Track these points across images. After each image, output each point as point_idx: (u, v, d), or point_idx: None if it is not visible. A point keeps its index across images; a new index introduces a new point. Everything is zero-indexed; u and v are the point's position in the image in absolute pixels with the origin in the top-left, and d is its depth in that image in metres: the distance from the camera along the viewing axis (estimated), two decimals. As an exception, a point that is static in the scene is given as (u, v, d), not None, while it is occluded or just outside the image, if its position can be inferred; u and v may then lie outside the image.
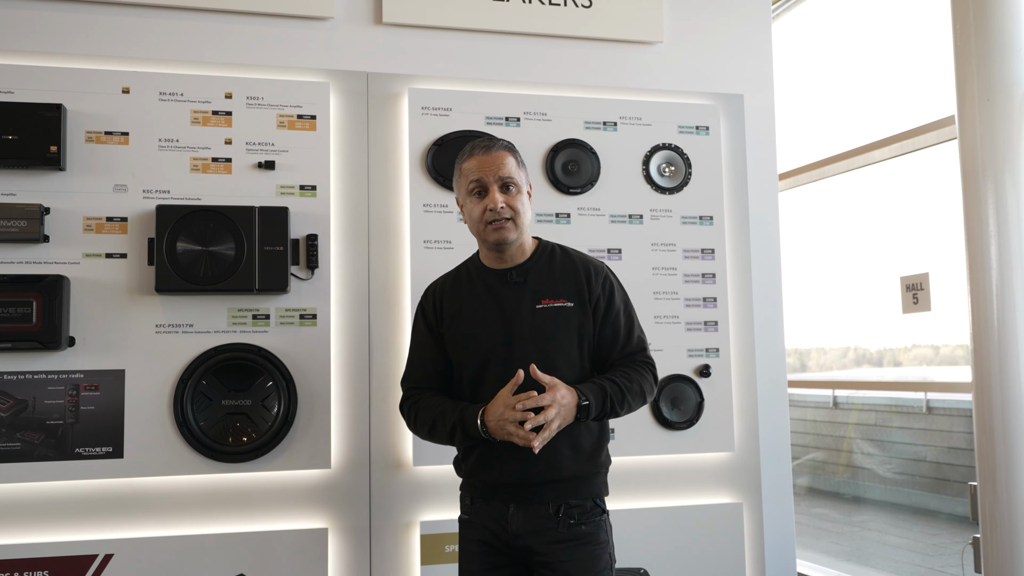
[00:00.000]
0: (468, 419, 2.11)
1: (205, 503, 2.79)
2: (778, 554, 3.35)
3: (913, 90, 4.09)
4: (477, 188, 2.17)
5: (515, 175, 2.18)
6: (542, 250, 2.27)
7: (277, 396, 2.81)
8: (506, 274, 2.22)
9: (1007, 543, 2.80)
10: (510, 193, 2.17)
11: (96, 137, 2.81)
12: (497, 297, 2.21)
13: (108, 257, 2.79)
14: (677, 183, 3.28)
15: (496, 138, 2.24)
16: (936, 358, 4.87)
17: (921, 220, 4.22)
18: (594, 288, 2.21)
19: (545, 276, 2.22)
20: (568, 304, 2.18)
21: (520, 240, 2.21)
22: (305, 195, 2.94)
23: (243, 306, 2.85)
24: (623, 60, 3.42)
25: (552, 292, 2.19)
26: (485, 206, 2.15)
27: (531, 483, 2.12)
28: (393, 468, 2.94)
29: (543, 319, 2.17)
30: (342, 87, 3.04)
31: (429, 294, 2.34)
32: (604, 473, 2.24)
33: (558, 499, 2.13)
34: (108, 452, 2.71)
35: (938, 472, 5.35)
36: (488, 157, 2.17)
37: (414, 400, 2.28)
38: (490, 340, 2.18)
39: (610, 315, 2.22)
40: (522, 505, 2.13)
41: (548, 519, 2.12)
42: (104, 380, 2.73)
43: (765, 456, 3.32)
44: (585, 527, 2.13)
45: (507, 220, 2.15)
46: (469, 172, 2.19)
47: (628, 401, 2.15)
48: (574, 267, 2.24)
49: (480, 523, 2.18)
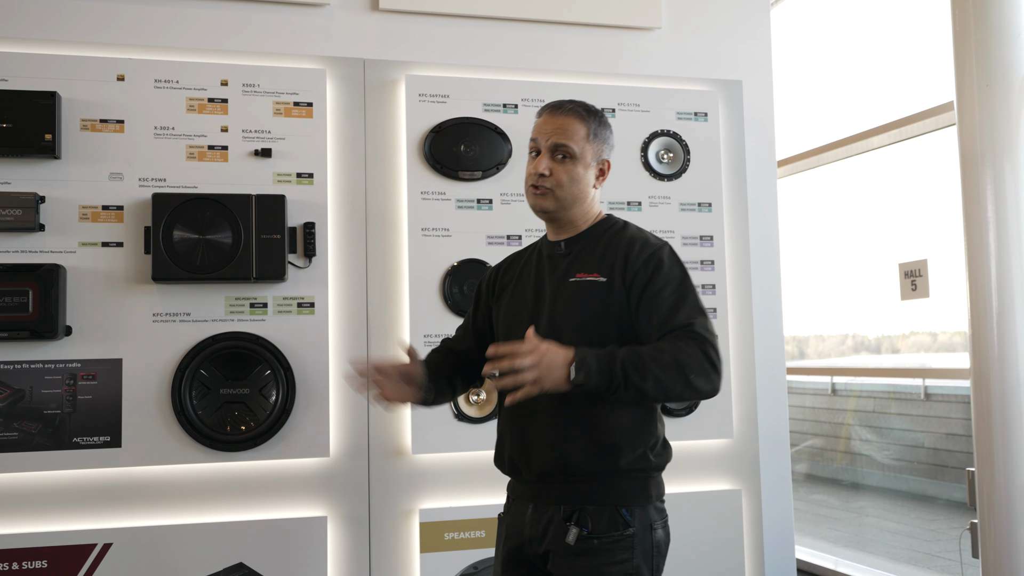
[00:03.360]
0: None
1: (203, 492, 2.79)
2: (777, 540, 3.36)
3: (912, 76, 4.08)
4: (534, 148, 2.00)
5: (575, 143, 1.95)
6: (602, 224, 2.04)
7: (275, 385, 2.81)
8: (556, 246, 2.04)
9: (1004, 529, 2.81)
10: (561, 162, 1.95)
11: (91, 125, 2.80)
12: (541, 270, 2.04)
13: (104, 246, 2.78)
14: (675, 170, 3.27)
15: (577, 102, 2.02)
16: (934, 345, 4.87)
17: (920, 207, 4.21)
18: (632, 262, 1.93)
19: (590, 249, 1.99)
20: (600, 279, 1.94)
21: (569, 215, 2.00)
22: (302, 183, 2.93)
23: (240, 295, 2.84)
24: (621, 46, 3.41)
25: (589, 265, 1.97)
26: (532, 168, 1.98)
27: (541, 478, 1.91)
28: (392, 456, 2.94)
29: (571, 293, 1.94)
30: (339, 74, 3.03)
31: (495, 269, 2.19)
32: (643, 478, 1.92)
33: (571, 502, 1.88)
34: (106, 441, 2.71)
35: (936, 458, 5.37)
36: (551, 118, 1.98)
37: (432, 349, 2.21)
38: (520, 315, 2.01)
39: (650, 291, 1.90)
40: (538, 506, 1.93)
41: (558, 525, 1.87)
42: (101, 369, 2.73)
43: (764, 443, 3.33)
44: (598, 541, 1.85)
45: (547, 189, 1.96)
46: (534, 129, 2.01)
47: (655, 374, 1.75)
48: (619, 240, 1.99)
49: (508, 524, 2.01)
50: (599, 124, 2.01)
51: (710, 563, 3.11)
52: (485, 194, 3.09)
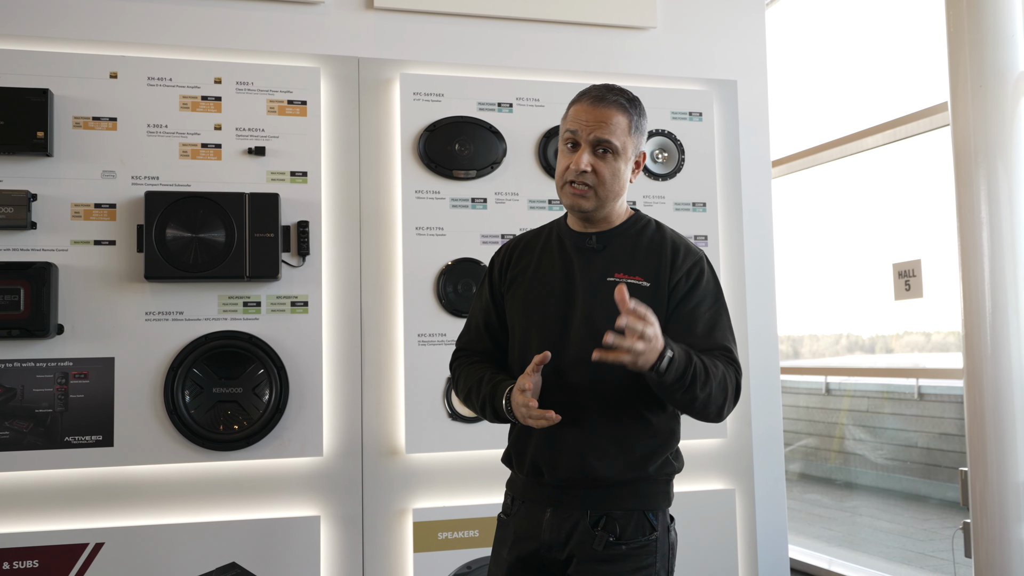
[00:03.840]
0: (497, 396, 1.86)
1: (196, 491, 2.79)
2: (770, 540, 3.37)
3: (906, 76, 4.10)
4: (570, 140, 1.88)
5: (618, 139, 1.86)
6: (634, 221, 1.97)
7: (268, 384, 2.81)
8: (586, 238, 1.94)
9: (997, 528, 2.82)
10: (603, 157, 1.86)
11: (84, 123, 2.79)
12: (568, 263, 1.93)
13: (97, 244, 2.77)
14: (670, 169, 3.28)
15: (617, 89, 1.91)
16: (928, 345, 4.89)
17: (914, 207, 4.23)
18: (678, 269, 1.89)
19: (627, 248, 1.92)
20: (643, 283, 1.87)
21: (605, 211, 1.92)
22: (296, 181, 2.92)
23: (234, 293, 2.84)
24: (616, 45, 3.41)
25: (628, 266, 1.89)
26: (570, 163, 1.87)
27: (567, 482, 1.85)
28: (386, 455, 2.94)
29: (610, 294, 1.80)
30: (333, 72, 3.02)
31: (502, 251, 2.08)
32: (665, 482, 1.91)
33: (598, 507, 1.84)
34: (98, 440, 2.70)
35: (929, 458, 5.39)
36: (594, 110, 1.86)
37: (461, 362, 2.06)
38: (545, 309, 1.91)
39: (688, 303, 1.87)
40: (558, 511, 1.86)
41: (584, 532, 1.82)
42: (93, 368, 2.72)
43: (758, 442, 3.34)
44: (626, 547, 1.82)
45: (588, 187, 1.86)
46: (570, 119, 1.89)
47: (711, 388, 1.75)
48: (662, 243, 1.92)
49: (515, 527, 1.92)
50: (640, 115, 1.92)
51: (704, 563, 3.12)
52: (479, 193, 3.09)
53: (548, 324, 1.90)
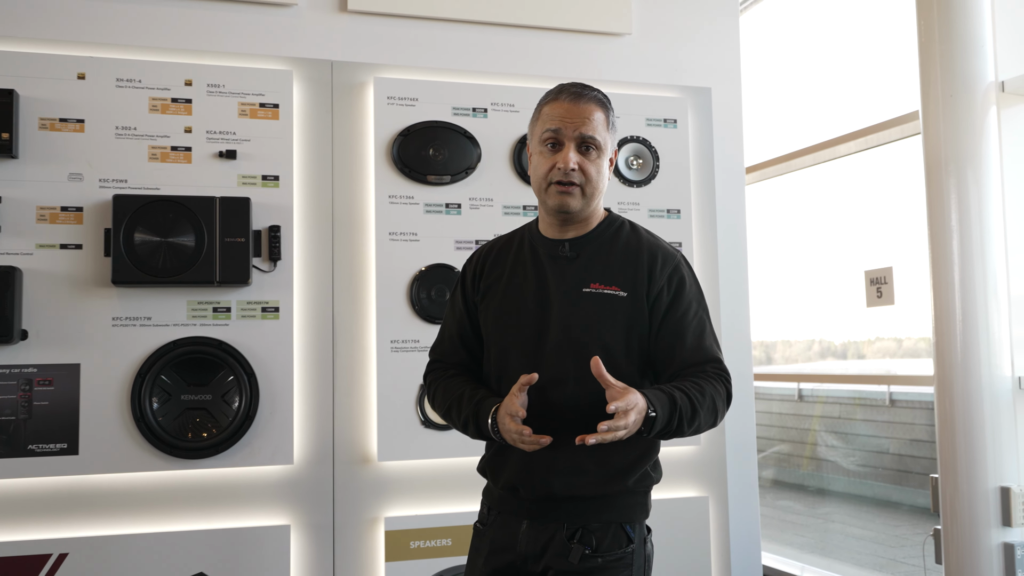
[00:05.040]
0: (481, 415, 1.85)
1: (164, 500, 2.77)
2: (744, 547, 3.40)
3: (878, 85, 4.16)
4: (552, 139, 1.86)
5: (600, 135, 1.87)
6: (608, 224, 1.95)
7: (238, 390, 2.80)
8: (559, 246, 1.92)
9: (967, 535, 2.87)
10: (588, 155, 1.86)
11: (50, 124, 2.77)
12: (541, 273, 1.92)
13: (63, 248, 2.75)
14: (645, 176, 3.31)
15: (591, 87, 1.92)
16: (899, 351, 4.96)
17: (885, 214, 4.29)
18: (656, 279, 1.88)
19: (601, 255, 1.91)
20: (620, 293, 1.86)
21: (589, 210, 1.92)
22: (267, 185, 2.92)
23: (203, 299, 2.83)
24: (591, 51, 3.44)
25: (604, 276, 1.88)
26: (554, 163, 1.85)
27: (543, 497, 1.85)
28: (358, 463, 2.94)
29: (587, 306, 1.85)
30: (306, 75, 3.02)
31: (474, 258, 2.06)
32: (643, 493, 1.92)
33: (575, 520, 1.84)
34: (63, 448, 2.68)
35: (900, 464, 5.47)
36: (575, 107, 1.86)
37: (437, 375, 2.05)
38: (520, 322, 1.90)
39: (674, 314, 1.87)
40: (534, 523, 1.86)
41: (560, 545, 1.83)
42: (58, 374, 2.70)
43: (731, 449, 3.37)
44: (603, 560, 1.82)
45: (575, 186, 1.86)
46: (548, 119, 1.88)
47: (699, 419, 1.78)
48: (638, 250, 1.91)
49: (491, 537, 1.93)
50: (613, 111, 1.94)
51: (677, 570, 3.14)
52: (454, 198, 3.10)
53: (524, 338, 1.89)
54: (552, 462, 1.82)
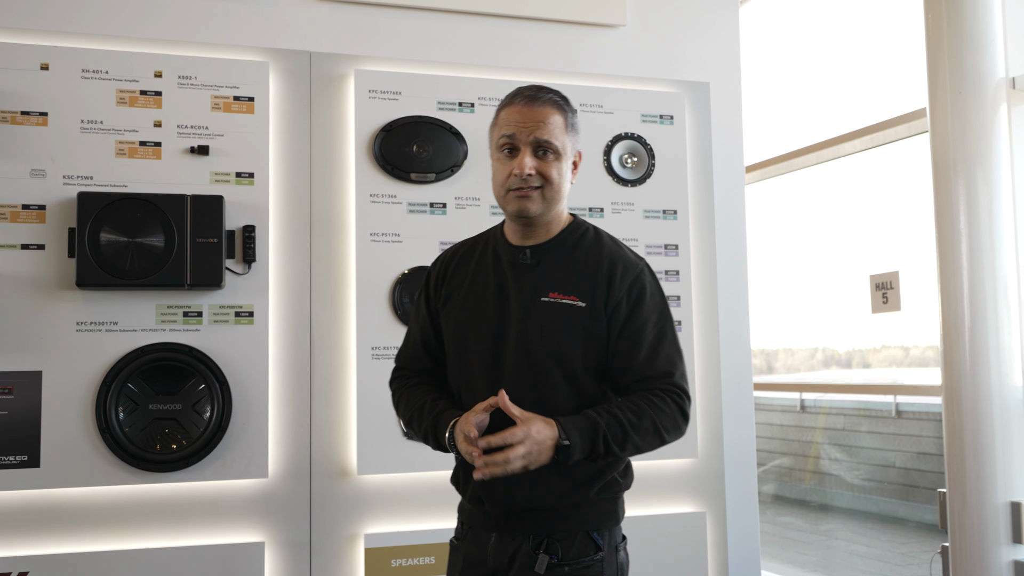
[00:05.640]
0: (440, 429, 1.89)
1: (130, 516, 2.75)
2: (742, 565, 3.38)
3: (884, 81, 4.16)
4: (507, 144, 1.90)
5: (557, 138, 1.90)
6: (571, 231, 1.99)
7: (210, 400, 2.77)
8: (520, 252, 1.96)
9: (976, 552, 2.86)
10: (545, 159, 1.90)
11: (11, 117, 2.75)
12: (502, 279, 1.96)
13: (24, 248, 2.72)
14: (640, 175, 3.29)
15: (547, 89, 1.95)
16: (906, 359, 4.96)
17: (891, 216, 4.29)
18: (616, 289, 1.91)
19: (562, 263, 1.95)
20: (578, 303, 1.90)
21: (551, 215, 1.96)
22: (242, 183, 2.89)
23: (173, 302, 2.80)
24: (584, 44, 3.41)
25: (563, 285, 1.92)
26: (511, 169, 1.89)
27: (506, 510, 1.90)
28: (336, 477, 2.91)
29: (544, 316, 1.90)
30: (283, 67, 3.00)
31: (438, 263, 2.10)
32: (611, 499, 1.95)
33: (540, 531, 1.88)
34: (23, 461, 2.65)
35: (907, 479, 5.46)
36: (529, 111, 1.89)
37: (401, 382, 2.09)
38: (480, 331, 1.95)
39: (632, 325, 1.91)
40: (502, 535, 1.91)
41: (527, 555, 1.87)
42: (19, 383, 2.68)
43: (729, 463, 3.35)
44: (569, 568, 1.86)
45: (534, 189, 1.89)
46: (503, 124, 1.92)
47: (634, 441, 1.82)
48: (599, 259, 1.95)
49: (463, 553, 1.97)
50: (573, 112, 1.97)
51: (673, 589, 3.12)
52: (438, 198, 3.08)
53: (484, 349, 1.94)
54: (513, 475, 1.82)
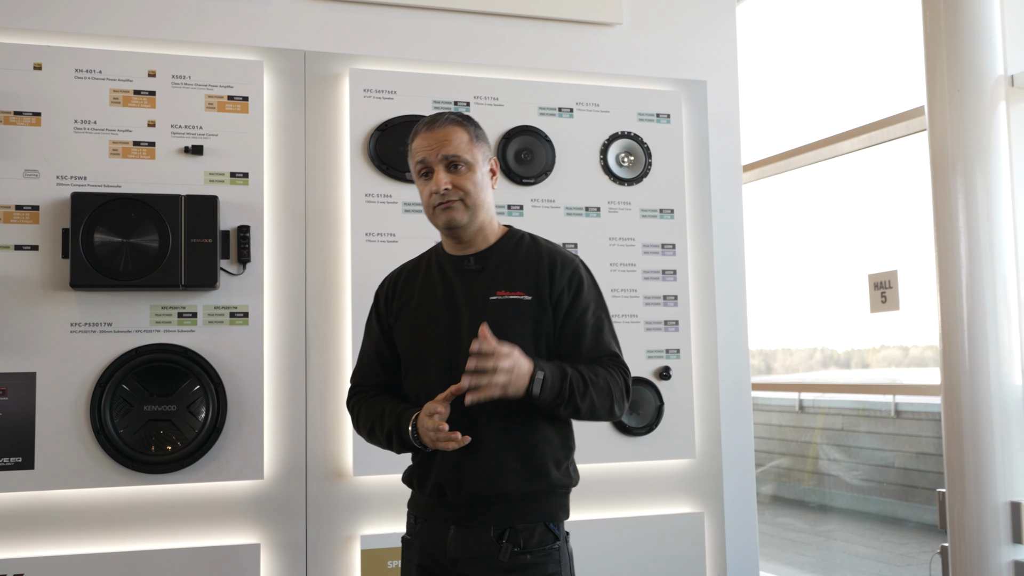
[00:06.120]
0: (402, 425, 2.04)
1: (125, 518, 2.75)
2: (741, 566, 3.39)
3: (882, 79, 4.17)
4: (423, 169, 2.09)
5: (464, 152, 2.08)
6: (508, 238, 2.18)
7: (205, 401, 2.78)
8: (464, 261, 2.14)
9: (976, 552, 2.87)
10: (458, 172, 2.07)
11: (4, 117, 2.75)
12: (450, 287, 2.12)
13: (17, 249, 2.73)
14: (636, 174, 3.30)
15: (446, 112, 2.15)
16: (905, 359, 4.97)
17: (890, 215, 4.30)
18: (557, 281, 2.10)
19: (505, 265, 2.12)
20: (525, 297, 2.08)
21: (479, 223, 2.12)
22: (236, 183, 2.90)
23: (167, 303, 2.81)
24: (580, 42, 3.43)
25: (509, 283, 2.09)
26: (431, 189, 2.08)
27: (471, 500, 2.02)
28: (332, 478, 2.92)
29: (495, 313, 2.05)
30: (277, 66, 3.01)
31: (385, 283, 2.27)
32: (564, 494, 2.11)
33: (502, 522, 2.01)
34: (17, 463, 2.66)
35: (906, 479, 5.47)
36: (431, 134, 2.08)
37: (359, 398, 2.23)
38: (434, 334, 2.10)
39: (574, 313, 2.10)
40: (462, 527, 2.03)
41: (489, 545, 2.00)
42: (13, 384, 2.68)
43: (728, 463, 3.36)
44: (532, 556, 2.00)
45: (455, 201, 2.07)
46: (415, 152, 2.12)
47: (592, 396, 2.00)
48: (538, 257, 2.13)
49: (420, 545, 2.10)
50: (475, 126, 2.15)
51: (671, 590, 3.13)
52: (434, 197, 3.08)
53: (440, 350, 2.08)
54: (476, 463, 2.01)
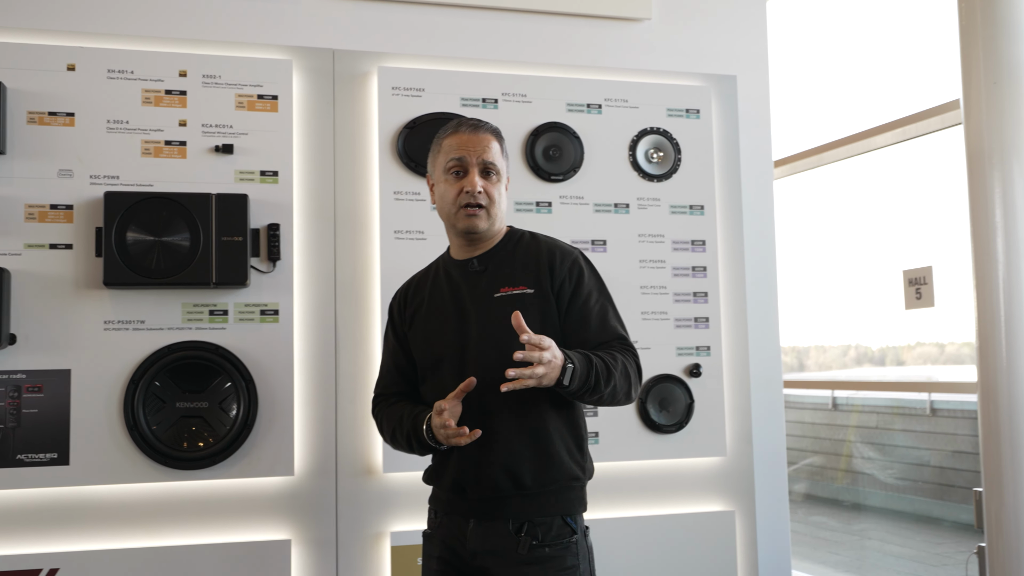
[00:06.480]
0: (418, 426, 2.10)
1: (158, 513, 2.78)
2: (773, 565, 3.37)
3: (916, 72, 4.13)
4: (456, 168, 2.15)
5: (498, 161, 2.18)
6: (509, 237, 2.25)
7: (236, 398, 2.80)
8: (468, 264, 2.21)
9: (1013, 552, 2.84)
10: (490, 179, 2.17)
11: (39, 118, 2.79)
12: (456, 290, 2.20)
13: (52, 248, 2.76)
14: (666, 170, 3.29)
15: (482, 120, 2.24)
16: (941, 357, 4.92)
17: (925, 210, 4.26)
18: (557, 272, 2.16)
19: (506, 263, 2.19)
20: (527, 291, 2.14)
21: (492, 231, 2.21)
22: (266, 181, 2.92)
23: (199, 301, 2.83)
24: (609, 38, 3.42)
25: (511, 279, 2.16)
26: (462, 187, 2.14)
27: (489, 493, 2.07)
28: (361, 475, 2.94)
29: (500, 309, 2.11)
30: (306, 65, 3.03)
31: (398, 295, 2.37)
32: (580, 488, 2.15)
33: (520, 516, 2.06)
34: (53, 459, 2.69)
35: (942, 477, 5.41)
36: (475, 137, 2.16)
37: (381, 407, 2.30)
38: (445, 336, 2.16)
39: (577, 301, 2.16)
40: (481, 521, 2.08)
41: (507, 538, 2.05)
42: (48, 381, 2.71)
43: (759, 461, 3.35)
44: (549, 549, 2.05)
45: (481, 208, 2.14)
46: (450, 149, 2.17)
47: (615, 380, 2.04)
48: (537, 251, 2.20)
49: (440, 539, 2.15)
50: (504, 142, 2.25)
51: (701, 589, 3.12)
52: (463, 194, 3.09)
53: (451, 349, 2.14)
54: (492, 458, 2.06)
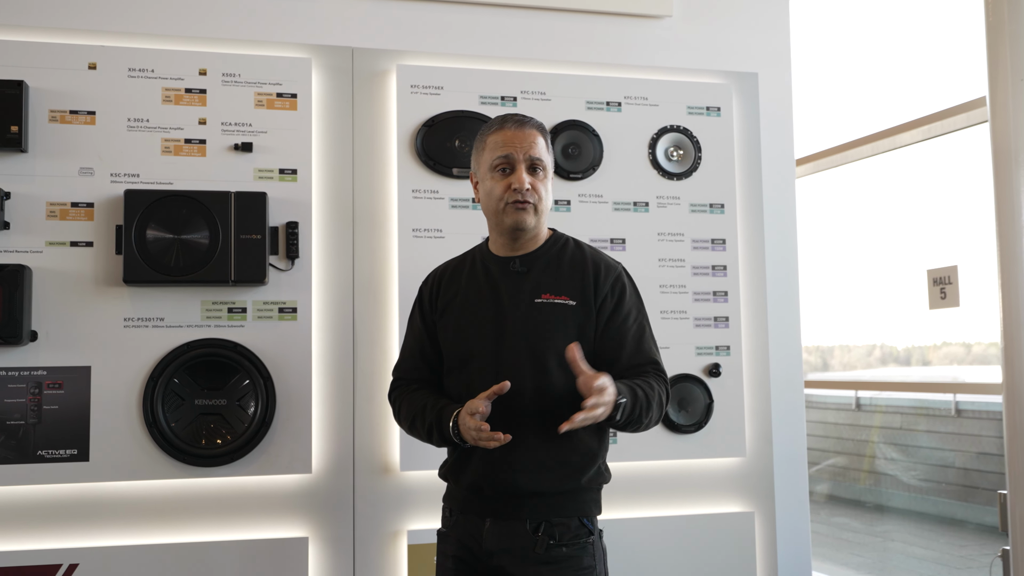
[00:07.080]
0: (443, 420, 2.10)
1: (176, 510, 2.80)
2: (793, 567, 3.36)
3: (941, 69, 4.09)
4: (503, 164, 2.14)
5: (544, 157, 2.17)
6: (554, 241, 2.24)
7: (254, 395, 2.82)
8: (509, 262, 2.20)
9: (1038, 556, 2.81)
10: (537, 176, 2.15)
11: (60, 116, 2.81)
12: (495, 287, 2.18)
13: (73, 245, 2.79)
14: (686, 168, 3.28)
15: (527, 115, 2.22)
16: (967, 357, 4.88)
17: (949, 209, 4.22)
18: (602, 287, 2.16)
19: (551, 269, 2.18)
20: (570, 302, 2.14)
21: (538, 228, 2.19)
22: (285, 179, 2.94)
23: (218, 298, 2.85)
24: (628, 35, 3.41)
25: (554, 287, 2.15)
26: (509, 184, 2.13)
27: (507, 495, 2.08)
28: (379, 473, 2.95)
29: (539, 315, 2.12)
30: (325, 63, 3.04)
31: (430, 279, 2.34)
32: (597, 490, 2.18)
33: (538, 516, 2.08)
34: (73, 455, 2.72)
35: (967, 479, 5.37)
36: (521, 133, 2.15)
37: (401, 391, 2.30)
38: (479, 333, 2.15)
39: (616, 319, 2.16)
40: (498, 520, 2.10)
41: (525, 537, 2.07)
42: (68, 377, 2.74)
43: (779, 462, 3.33)
44: (567, 549, 2.07)
45: (529, 204, 2.13)
46: (496, 146, 2.16)
47: (652, 411, 2.08)
48: (583, 262, 2.20)
49: (456, 537, 2.16)
50: (548, 134, 2.23)
51: (720, 591, 3.11)
52: (481, 193, 3.09)
53: (484, 348, 2.14)
54: (514, 460, 2.07)
